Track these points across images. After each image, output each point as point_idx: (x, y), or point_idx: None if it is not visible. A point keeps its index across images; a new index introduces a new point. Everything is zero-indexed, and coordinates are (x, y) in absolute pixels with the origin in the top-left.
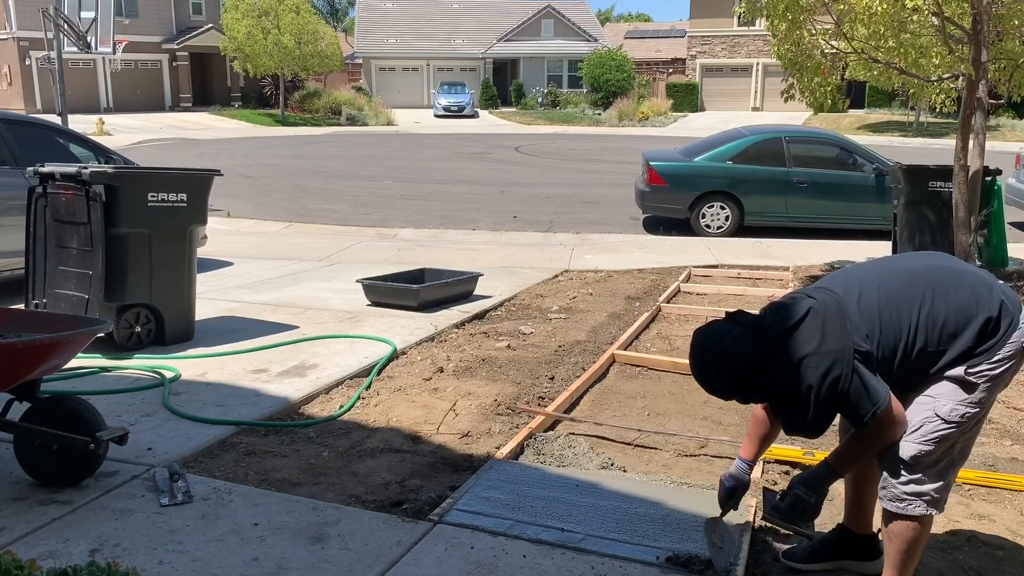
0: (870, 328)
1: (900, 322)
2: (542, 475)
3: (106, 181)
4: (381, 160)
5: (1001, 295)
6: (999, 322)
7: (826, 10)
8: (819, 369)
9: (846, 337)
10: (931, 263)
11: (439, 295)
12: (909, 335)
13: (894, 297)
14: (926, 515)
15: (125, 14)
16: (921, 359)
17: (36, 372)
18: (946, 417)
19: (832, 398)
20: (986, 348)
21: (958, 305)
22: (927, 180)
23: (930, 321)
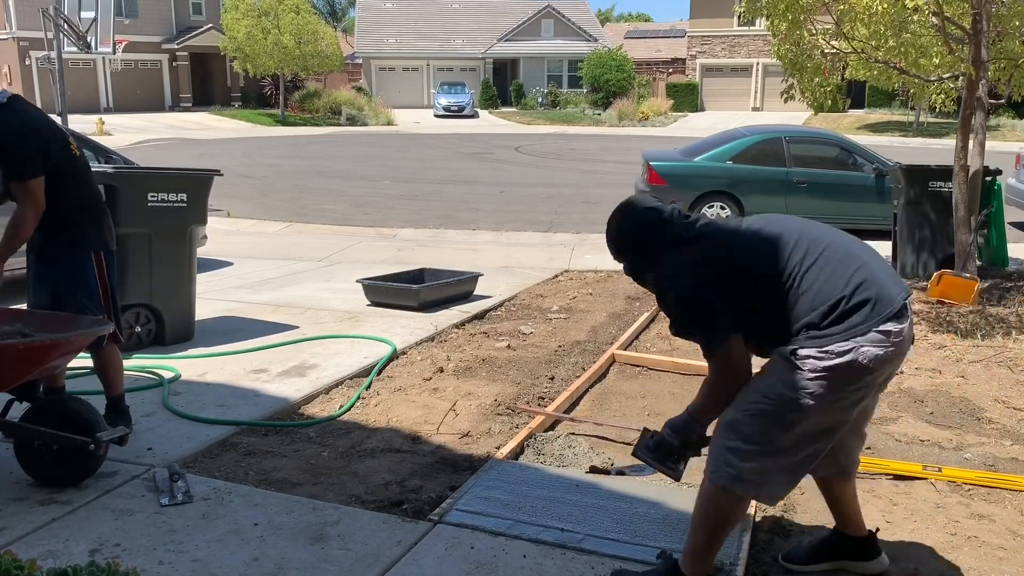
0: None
1: (776, 280)
2: (542, 475)
3: (106, 181)
4: (381, 160)
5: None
6: (845, 315)
7: (826, 10)
8: (680, 279)
9: (721, 256)
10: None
11: (439, 295)
12: (775, 296)
13: (785, 253)
14: (729, 489)
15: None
16: (782, 317)
17: (37, 373)
18: (765, 392)
19: (684, 309)
20: (820, 334)
21: (831, 283)
22: (927, 180)
23: (797, 289)
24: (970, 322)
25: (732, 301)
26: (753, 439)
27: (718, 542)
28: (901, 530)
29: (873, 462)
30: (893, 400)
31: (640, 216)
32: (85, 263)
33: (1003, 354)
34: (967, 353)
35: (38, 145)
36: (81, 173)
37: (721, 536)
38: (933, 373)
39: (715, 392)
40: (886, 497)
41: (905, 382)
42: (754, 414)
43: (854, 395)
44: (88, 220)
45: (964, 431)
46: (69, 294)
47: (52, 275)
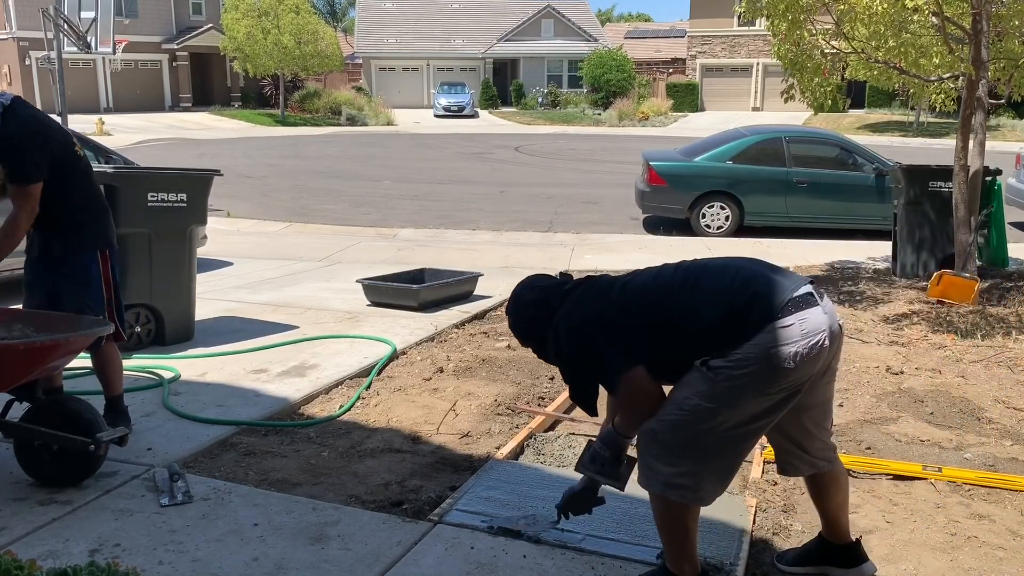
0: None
1: (662, 306)
2: (542, 475)
3: (106, 181)
4: (381, 160)
5: (757, 291)
6: (741, 317)
7: (826, 10)
8: (567, 331)
9: (600, 307)
10: (712, 260)
11: (439, 295)
12: (669, 320)
13: (664, 282)
14: (663, 495)
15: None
16: (683, 343)
17: (37, 373)
18: (679, 404)
19: (574, 362)
20: (726, 343)
21: (713, 296)
22: (927, 180)
23: (686, 309)
24: (970, 322)
25: (620, 340)
26: (673, 447)
27: (686, 542)
28: (901, 530)
29: (873, 462)
30: (893, 400)
31: (524, 303)
32: (90, 263)
33: (1003, 354)
34: (967, 353)
35: (42, 150)
36: (84, 173)
37: (685, 537)
38: (933, 373)
39: (630, 417)
40: (886, 497)
41: (905, 382)
42: (670, 425)
43: (776, 395)
44: (92, 219)
45: (964, 431)
46: (72, 294)
47: (54, 275)
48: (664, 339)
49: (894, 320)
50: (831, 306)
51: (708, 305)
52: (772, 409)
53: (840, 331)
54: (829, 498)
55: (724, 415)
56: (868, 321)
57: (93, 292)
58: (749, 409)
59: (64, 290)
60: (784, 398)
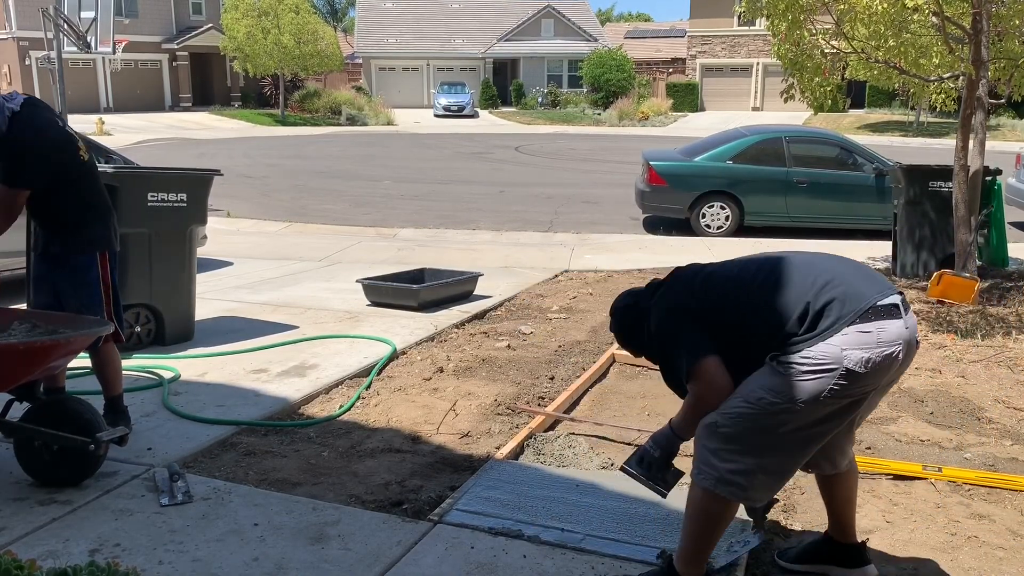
0: (716, 298)
1: (740, 300)
2: (542, 475)
3: (106, 181)
4: (381, 160)
5: (837, 294)
6: (817, 318)
7: (826, 10)
8: (655, 319)
9: (682, 297)
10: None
11: (439, 295)
12: (746, 315)
13: (746, 277)
14: (713, 492)
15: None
16: (759, 339)
17: (37, 373)
18: (746, 396)
19: (661, 347)
20: (800, 341)
21: (794, 292)
22: (927, 180)
23: (764, 305)
24: (970, 322)
25: (700, 328)
26: (733, 441)
27: (709, 544)
28: (901, 530)
29: (873, 462)
30: (893, 400)
31: (620, 311)
32: (91, 264)
33: (1003, 354)
34: (967, 353)
35: (42, 160)
36: (89, 175)
37: (711, 538)
38: (933, 373)
39: (696, 409)
40: (886, 497)
41: (905, 382)
42: (735, 417)
43: (843, 400)
44: (96, 221)
45: (964, 431)
46: (72, 294)
47: (56, 275)
48: (740, 333)
49: None
50: (913, 321)
51: (787, 303)
52: (835, 415)
53: (916, 346)
54: (839, 493)
55: (788, 414)
56: None
57: (92, 292)
58: (813, 411)
59: (64, 289)
60: (848, 404)
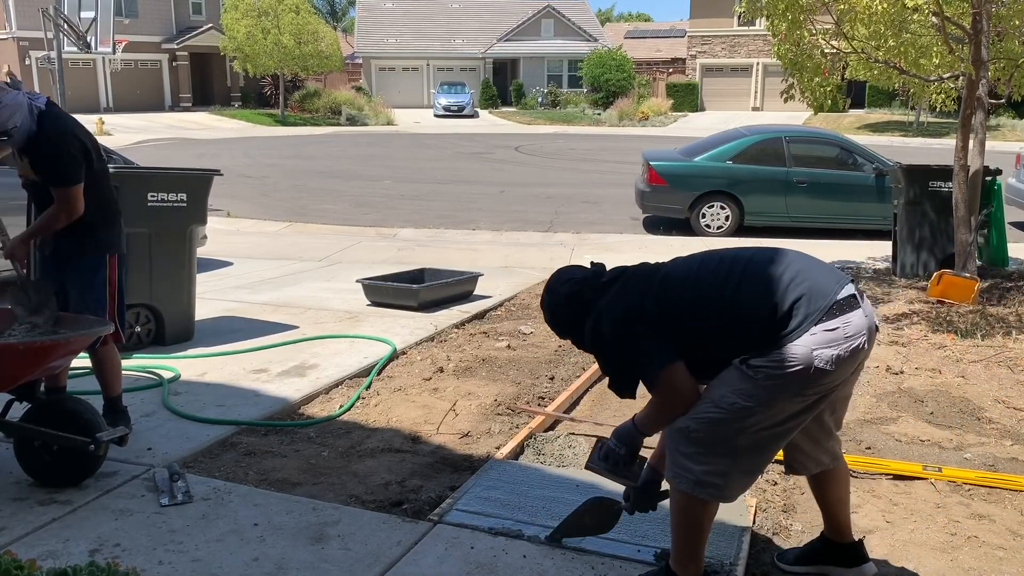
0: (676, 301)
1: (703, 302)
2: (542, 475)
3: None
4: (381, 160)
5: (802, 293)
6: (785, 318)
7: (826, 10)
8: (607, 324)
9: (639, 300)
10: (757, 253)
11: (439, 295)
12: (710, 318)
13: (707, 276)
14: (691, 493)
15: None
16: (723, 341)
17: (37, 373)
18: (717, 401)
19: (615, 353)
20: (768, 342)
21: (758, 293)
22: (927, 180)
23: (729, 306)
24: (970, 322)
25: (660, 333)
26: (708, 445)
27: (699, 542)
28: (901, 530)
29: (873, 462)
30: (893, 400)
31: (558, 297)
32: (99, 266)
33: (1003, 354)
34: (967, 353)
35: (81, 153)
36: (104, 178)
37: (700, 537)
38: (933, 373)
39: (662, 414)
40: (886, 497)
41: (905, 382)
42: (707, 423)
43: (811, 397)
44: (108, 223)
45: (964, 431)
46: (79, 295)
47: (64, 276)
48: (701, 336)
49: (894, 320)
50: (870, 307)
51: (752, 304)
52: (806, 410)
53: (876, 330)
54: (830, 493)
55: (760, 415)
56: None
57: (96, 295)
58: (785, 409)
59: (72, 289)
60: (817, 399)
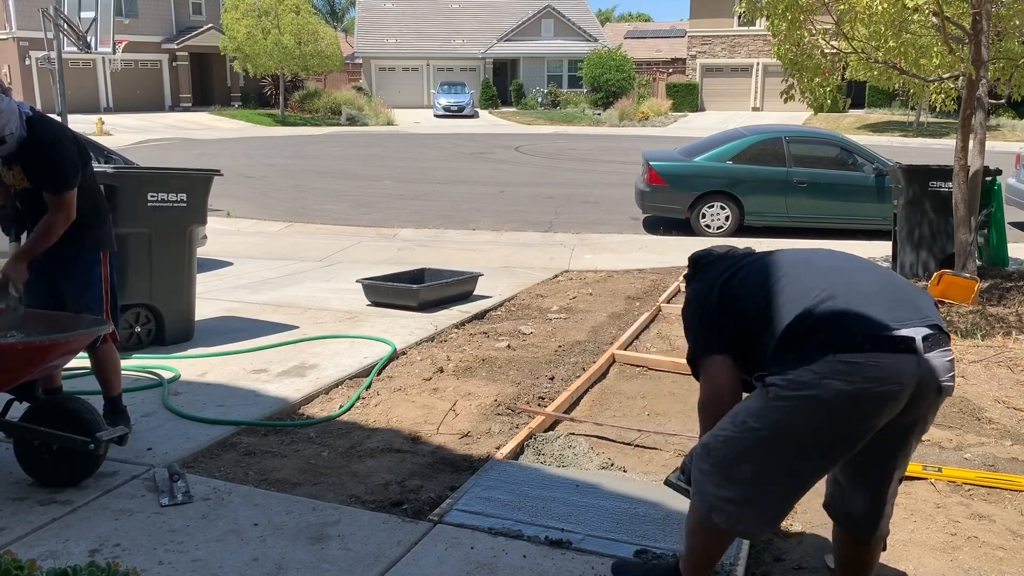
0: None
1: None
2: (542, 475)
3: (105, 181)
4: (381, 160)
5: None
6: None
7: (826, 10)
8: (686, 302)
9: (708, 287)
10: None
11: (439, 295)
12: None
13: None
14: (706, 514)
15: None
16: (756, 349)
17: (36, 372)
18: (734, 418)
19: (686, 332)
20: (783, 360)
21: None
22: (927, 180)
23: (766, 310)
24: (970, 322)
25: (714, 323)
26: (723, 466)
27: (708, 562)
28: (901, 530)
29: None
30: None
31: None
32: (95, 264)
33: (1003, 354)
34: (967, 353)
35: (75, 158)
36: (93, 177)
37: (709, 556)
38: None
39: (703, 409)
40: None
41: None
42: (723, 440)
43: (827, 436)
44: (101, 222)
45: (964, 431)
46: (76, 294)
47: (58, 275)
48: (745, 340)
49: None
50: (941, 361)
51: (783, 315)
52: (822, 453)
53: (939, 392)
54: (852, 561)
55: (769, 440)
56: None
57: (94, 293)
58: (794, 439)
59: (67, 290)
60: (836, 441)
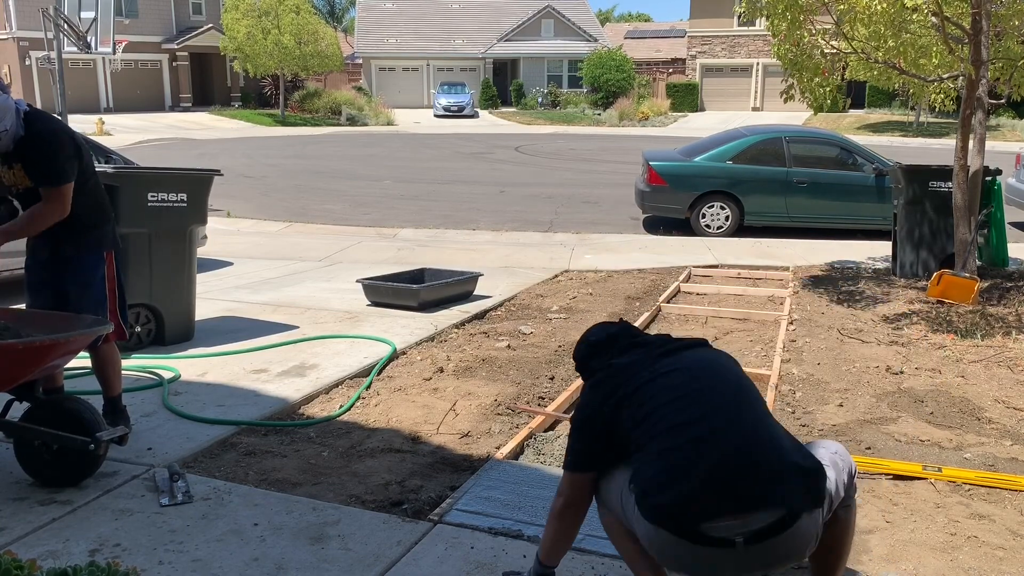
0: (627, 425)
1: (626, 434)
2: (542, 475)
3: (106, 181)
4: (381, 160)
5: (680, 487)
6: (645, 496)
7: (826, 10)
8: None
9: (601, 400)
10: (714, 397)
11: (439, 295)
12: (617, 444)
13: (651, 409)
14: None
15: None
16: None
17: (36, 373)
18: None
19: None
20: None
21: (655, 443)
22: (927, 180)
23: (630, 445)
24: (970, 322)
25: (594, 449)
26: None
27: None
28: (901, 530)
29: (873, 462)
30: (893, 400)
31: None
32: (98, 264)
33: (1003, 354)
34: (967, 353)
35: (72, 152)
36: (95, 176)
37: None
38: (933, 373)
39: (557, 518)
40: (886, 497)
41: (905, 382)
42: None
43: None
44: (104, 221)
45: (964, 431)
46: (78, 294)
47: (62, 275)
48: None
49: (894, 320)
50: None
51: (648, 456)
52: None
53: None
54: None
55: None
56: (868, 321)
57: (96, 293)
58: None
59: (71, 289)
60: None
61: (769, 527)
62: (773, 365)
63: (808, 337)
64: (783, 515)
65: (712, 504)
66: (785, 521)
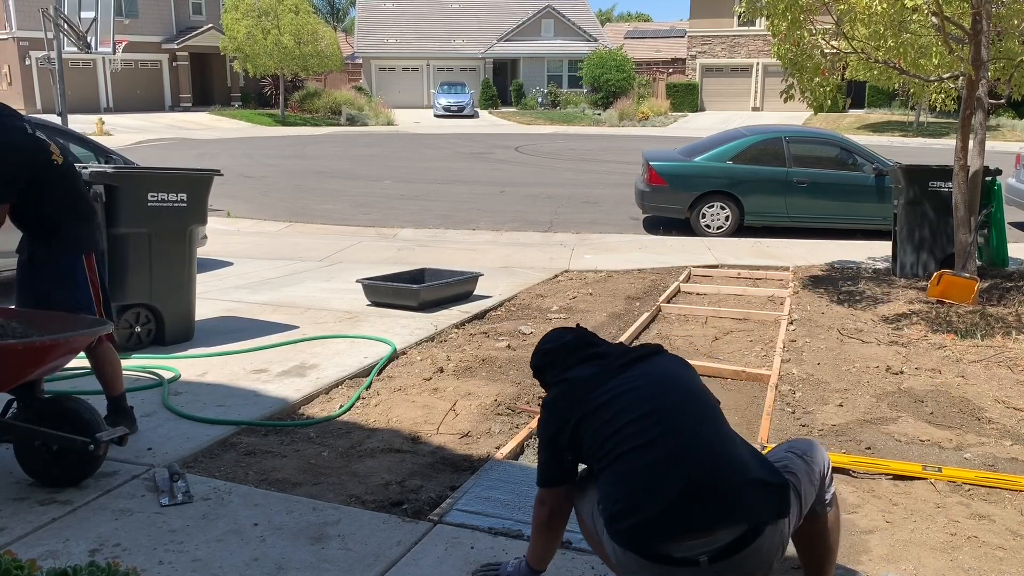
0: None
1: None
2: None
3: (106, 181)
4: (381, 160)
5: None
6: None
7: (826, 10)
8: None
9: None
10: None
11: (439, 295)
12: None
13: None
14: None
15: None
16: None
17: (37, 373)
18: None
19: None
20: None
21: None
22: (927, 180)
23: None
24: (970, 322)
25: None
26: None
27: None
28: (901, 530)
29: (873, 462)
30: (893, 400)
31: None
32: (75, 266)
33: (1003, 354)
34: (967, 353)
35: (12, 167)
36: (67, 178)
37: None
38: (933, 373)
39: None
40: (886, 497)
41: (905, 382)
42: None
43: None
44: (77, 222)
45: (964, 431)
46: (60, 296)
47: (42, 278)
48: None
49: (894, 320)
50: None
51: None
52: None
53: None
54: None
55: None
56: (868, 321)
57: (80, 293)
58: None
59: (52, 292)
60: None
61: (732, 543)
62: (773, 365)
63: (808, 337)
64: (745, 531)
65: (674, 527)
66: (747, 537)
